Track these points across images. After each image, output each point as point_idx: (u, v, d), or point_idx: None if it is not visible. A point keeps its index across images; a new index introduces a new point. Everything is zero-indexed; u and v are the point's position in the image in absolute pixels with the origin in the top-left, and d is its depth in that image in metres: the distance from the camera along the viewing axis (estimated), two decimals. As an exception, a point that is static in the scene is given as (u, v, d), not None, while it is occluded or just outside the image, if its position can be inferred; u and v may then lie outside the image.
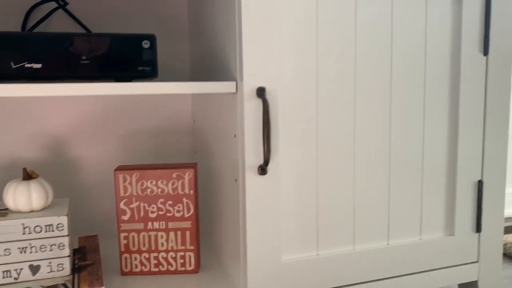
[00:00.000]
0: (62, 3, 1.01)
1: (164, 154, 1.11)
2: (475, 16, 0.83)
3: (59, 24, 1.01)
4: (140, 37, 0.69)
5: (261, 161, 0.73)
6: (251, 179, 0.73)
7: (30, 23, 0.99)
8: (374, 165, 0.81)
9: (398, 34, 0.80)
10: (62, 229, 0.76)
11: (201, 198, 1.05)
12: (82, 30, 1.03)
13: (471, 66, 0.85)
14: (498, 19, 0.85)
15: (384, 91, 0.80)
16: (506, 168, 0.90)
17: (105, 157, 1.07)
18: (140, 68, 0.70)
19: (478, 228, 0.89)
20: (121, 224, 0.86)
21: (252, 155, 0.72)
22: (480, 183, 0.88)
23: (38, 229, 0.75)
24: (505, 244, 1.29)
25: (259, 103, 0.71)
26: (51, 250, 0.76)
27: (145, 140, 1.09)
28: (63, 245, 0.76)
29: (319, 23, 0.75)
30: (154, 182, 0.85)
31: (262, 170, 0.72)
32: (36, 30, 1.00)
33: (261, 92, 0.71)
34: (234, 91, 0.73)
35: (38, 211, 0.79)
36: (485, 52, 0.85)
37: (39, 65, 0.65)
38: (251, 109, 0.71)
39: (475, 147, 0.87)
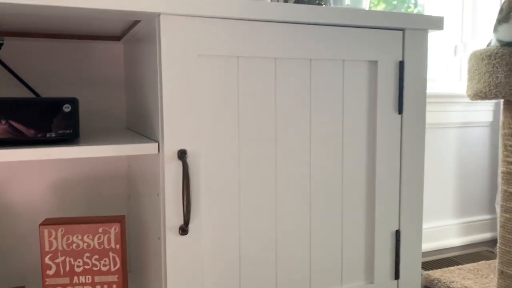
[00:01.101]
0: (-7, 50, 1.00)
1: (98, 198, 1.11)
2: (390, 79, 0.90)
3: (-10, 71, 1.01)
4: (61, 101, 0.71)
5: (182, 222, 0.75)
6: (172, 239, 0.75)
7: (-41, 70, 0.98)
8: (296, 218, 0.85)
9: (316, 98, 0.84)
10: (-20, 290, 0.75)
11: (133, 247, 1.05)
12: (15, 80, 1.02)
13: (387, 124, 0.90)
14: (411, 80, 0.91)
15: (304, 149, 0.84)
16: (422, 218, 0.96)
17: (36, 204, 1.06)
18: (60, 132, 0.71)
19: (396, 275, 0.94)
20: (46, 279, 0.86)
21: (174, 215, 0.74)
22: (397, 232, 0.94)
23: (-47, 291, 0.74)
24: (432, 280, 1.36)
25: (180, 165, 0.74)
26: (-34, 312, 0.75)
27: (79, 185, 1.09)
28: (-20, 307, 0.75)
29: (240, 88, 0.78)
30: (80, 237, 0.85)
31: (183, 230, 0.74)
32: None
33: (182, 155, 0.73)
34: (156, 152, 0.75)
35: (-46, 271, 0.77)
36: (400, 111, 0.91)
37: (-47, 132, 0.65)
38: (173, 171, 0.74)
39: (392, 198, 0.92)
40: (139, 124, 0.95)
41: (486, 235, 1.80)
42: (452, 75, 1.76)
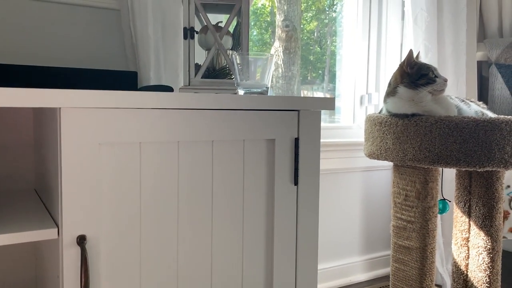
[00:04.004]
0: None
1: (5, 262, 1.09)
2: (286, 154, 0.98)
3: None
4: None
5: (81, 304, 0.77)
6: (71, 321, 0.77)
7: None
8: (197, 289, 0.90)
9: (218, 175, 0.91)
10: None
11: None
12: None
13: (284, 195, 0.99)
14: (306, 155, 1.00)
15: (205, 224, 0.90)
16: (316, 282, 1.04)
17: None
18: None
19: (292, 333, 1.02)
20: None
21: (72, 298, 0.77)
22: (294, 293, 1.02)
23: None
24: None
25: (79, 250, 0.76)
26: None
27: (-19, 250, 1.07)
28: None
29: (142, 172, 0.83)
30: (-24, 315, 0.85)
31: (81, 313, 0.76)
32: None
33: (81, 241, 0.76)
34: (56, 237, 0.77)
35: None
36: (295, 182, 1.00)
37: None
38: (71, 256, 0.76)
39: (289, 263, 1.00)
40: (44, 192, 0.95)
41: (389, 269, 1.96)
42: (358, 123, 1.91)
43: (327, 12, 2.00)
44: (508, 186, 1.76)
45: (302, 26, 1.97)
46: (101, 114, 0.77)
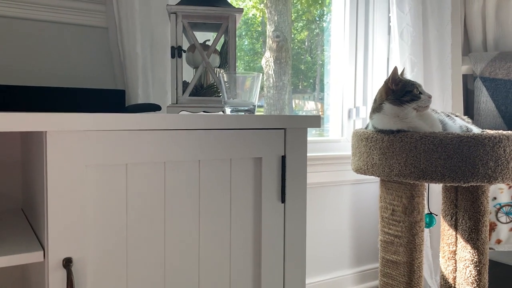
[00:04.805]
0: None
1: (-12, 283, 1.08)
2: (273, 172, 0.99)
3: None
4: None
5: (67, 327, 0.77)
6: None
7: None
8: (184, 309, 0.90)
9: (205, 194, 0.91)
10: None
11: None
12: None
13: (271, 212, 0.99)
14: (292, 172, 1.01)
15: (193, 244, 0.90)
16: (304, 295, 1.05)
17: None
18: None
19: None
20: None
21: (58, 321, 0.76)
22: (282, 310, 1.02)
23: None
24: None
25: (65, 273, 0.76)
26: None
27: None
28: None
29: (128, 193, 0.83)
30: None
31: (67, 337, 0.76)
32: None
33: (67, 263, 0.76)
34: (42, 260, 0.77)
35: None
36: (282, 200, 1.01)
37: None
38: (57, 280, 0.76)
39: (277, 280, 1.01)
40: (31, 213, 0.95)
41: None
42: (346, 136, 1.93)
43: (318, 22, 2.02)
44: (495, 198, 1.78)
45: (293, 35, 1.99)
46: (87, 136, 0.78)
